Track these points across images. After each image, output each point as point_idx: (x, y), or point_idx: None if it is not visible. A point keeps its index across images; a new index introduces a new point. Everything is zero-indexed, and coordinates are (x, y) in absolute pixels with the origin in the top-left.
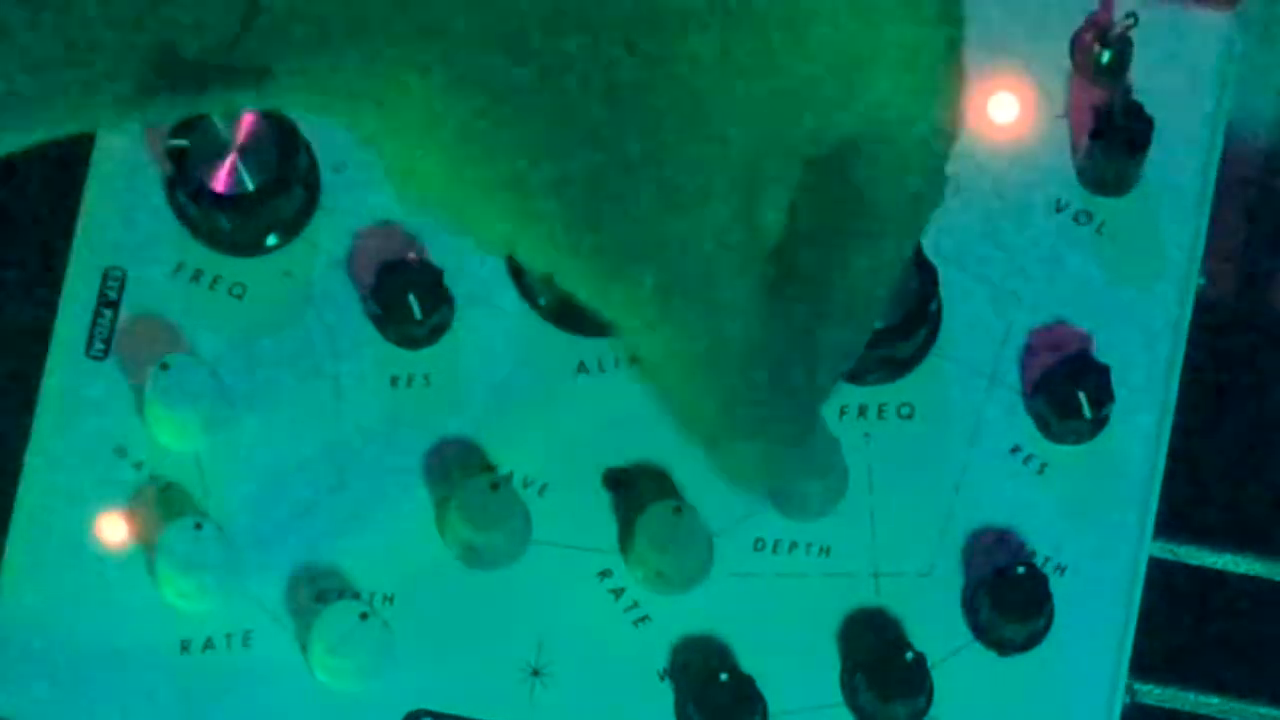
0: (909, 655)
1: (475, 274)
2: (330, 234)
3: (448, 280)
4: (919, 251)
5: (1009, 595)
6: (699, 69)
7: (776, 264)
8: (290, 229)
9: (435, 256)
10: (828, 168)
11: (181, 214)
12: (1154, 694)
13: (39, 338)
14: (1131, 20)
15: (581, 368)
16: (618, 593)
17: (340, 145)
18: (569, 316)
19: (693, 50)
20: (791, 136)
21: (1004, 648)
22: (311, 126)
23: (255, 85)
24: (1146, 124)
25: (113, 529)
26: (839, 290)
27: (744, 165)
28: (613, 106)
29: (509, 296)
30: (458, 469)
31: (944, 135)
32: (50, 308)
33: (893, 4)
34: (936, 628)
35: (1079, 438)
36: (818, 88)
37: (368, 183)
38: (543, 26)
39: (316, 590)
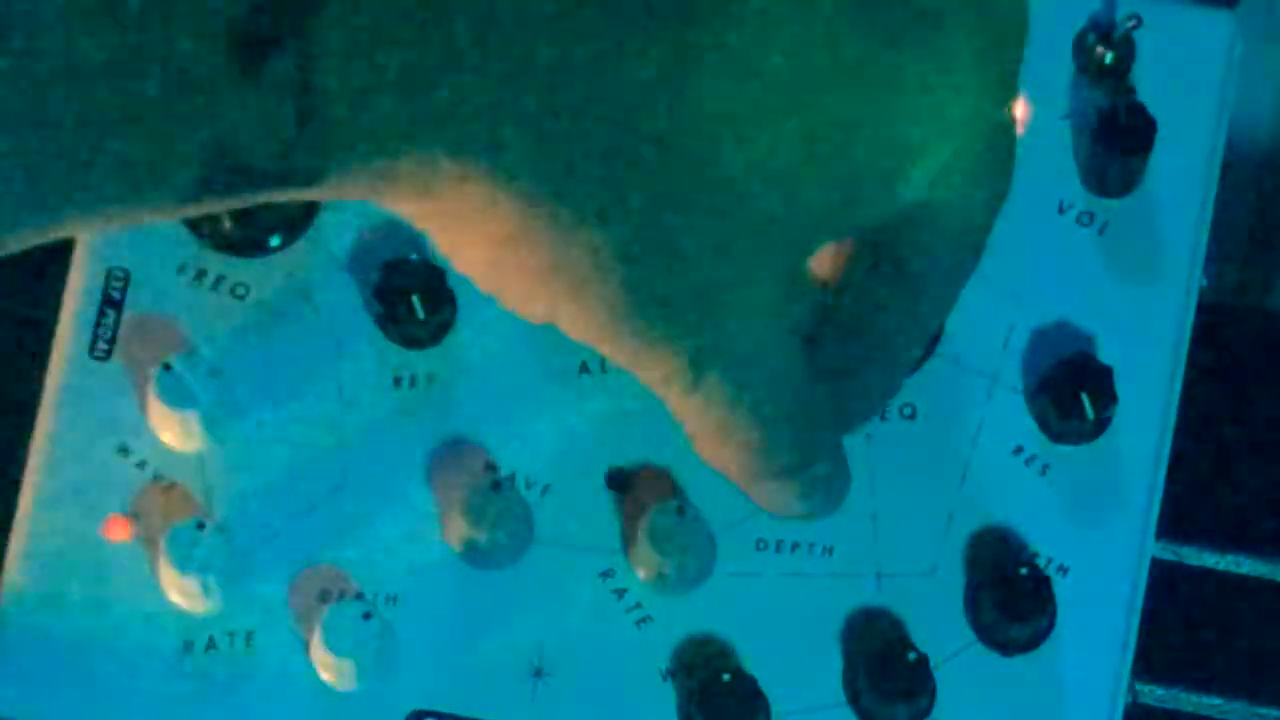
0: (911, 656)
1: None
2: (333, 234)
3: (451, 280)
4: None
5: (1011, 596)
6: (748, 169)
7: (815, 318)
8: (293, 229)
9: (438, 256)
10: (875, 237)
11: None
12: (1155, 694)
13: (42, 338)
14: (1134, 21)
15: (584, 368)
16: (620, 593)
17: None
18: None
19: (739, 154)
20: (840, 219)
21: (1006, 648)
22: None
23: (309, 184)
24: (1149, 125)
25: (115, 529)
26: (876, 347)
27: (790, 250)
28: (659, 206)
29: None
30: (460, 469)
31: (991, 207)
32: (54, 307)
33: (939, 98)
34: (939, 628)
35: (1081, 438)
36: (866, 176)
37: None
38: (590, 139)
39: (319, 590)
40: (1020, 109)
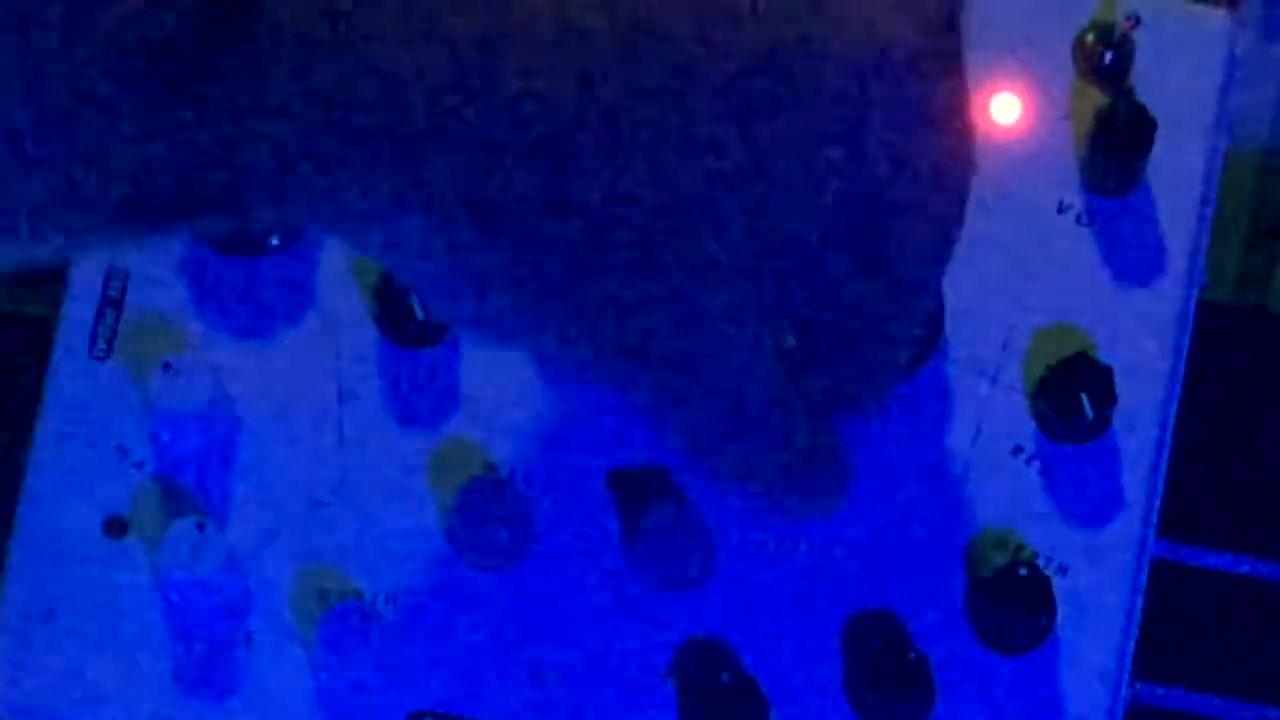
0: (911, 655)
1: None
2: None
3: None
4: None
5: (1011, 595)
6: (696, 226)
7: (794, 326)
8: (293, 229)
9: None
10: (849, 234)
11: None
12: (1155, 694)
13: (42, 338)
14: (1133, 21)
15: None
16: (620, 593)
17: None
18: None
19: (688, 222)
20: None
21: (1006, 648)
22: None
23: (237, 220)
24: (1148, 125)
25: (115, 529)
26: (860, 347)
27: (759, 280)
28: (621, 280)
29: None
30: (460, 469)
31: (957, 194)
32: (53, 307)
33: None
34: (938, 628)
35: (1081, 438)
36: (825, 186)
37: None
38: (526, 194)
39: (319, 590)
40: (1019, 107)
